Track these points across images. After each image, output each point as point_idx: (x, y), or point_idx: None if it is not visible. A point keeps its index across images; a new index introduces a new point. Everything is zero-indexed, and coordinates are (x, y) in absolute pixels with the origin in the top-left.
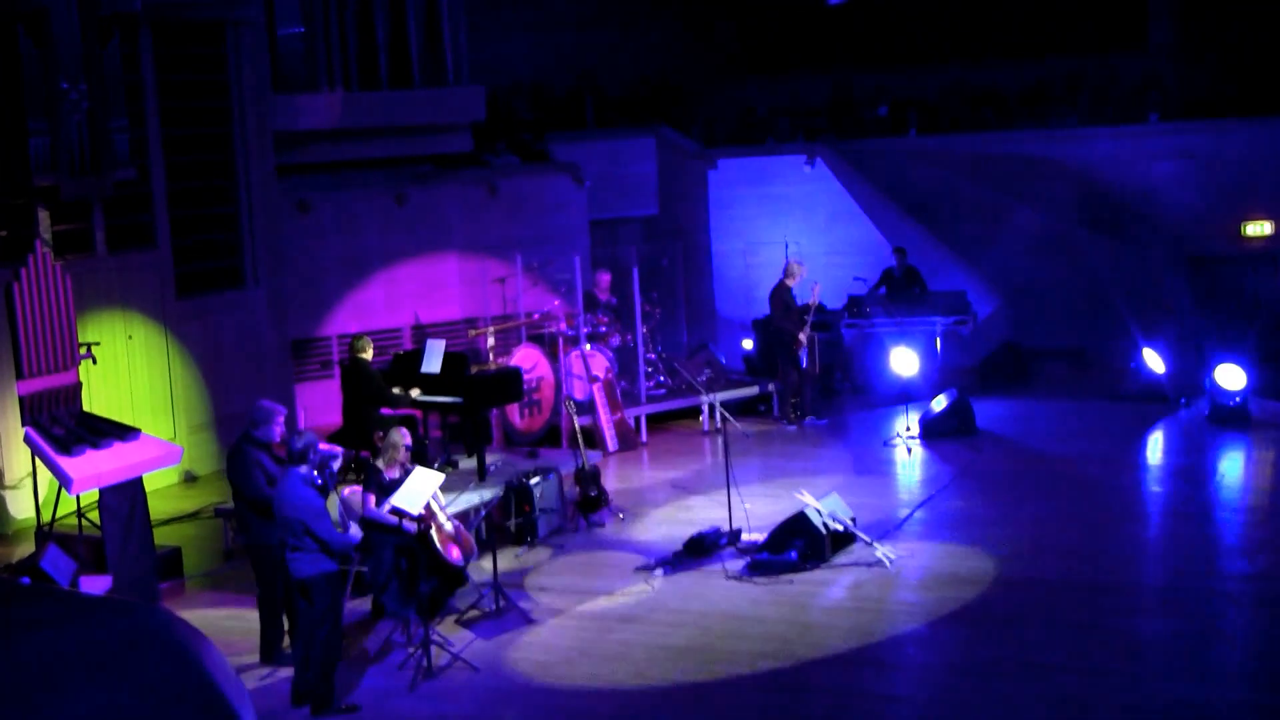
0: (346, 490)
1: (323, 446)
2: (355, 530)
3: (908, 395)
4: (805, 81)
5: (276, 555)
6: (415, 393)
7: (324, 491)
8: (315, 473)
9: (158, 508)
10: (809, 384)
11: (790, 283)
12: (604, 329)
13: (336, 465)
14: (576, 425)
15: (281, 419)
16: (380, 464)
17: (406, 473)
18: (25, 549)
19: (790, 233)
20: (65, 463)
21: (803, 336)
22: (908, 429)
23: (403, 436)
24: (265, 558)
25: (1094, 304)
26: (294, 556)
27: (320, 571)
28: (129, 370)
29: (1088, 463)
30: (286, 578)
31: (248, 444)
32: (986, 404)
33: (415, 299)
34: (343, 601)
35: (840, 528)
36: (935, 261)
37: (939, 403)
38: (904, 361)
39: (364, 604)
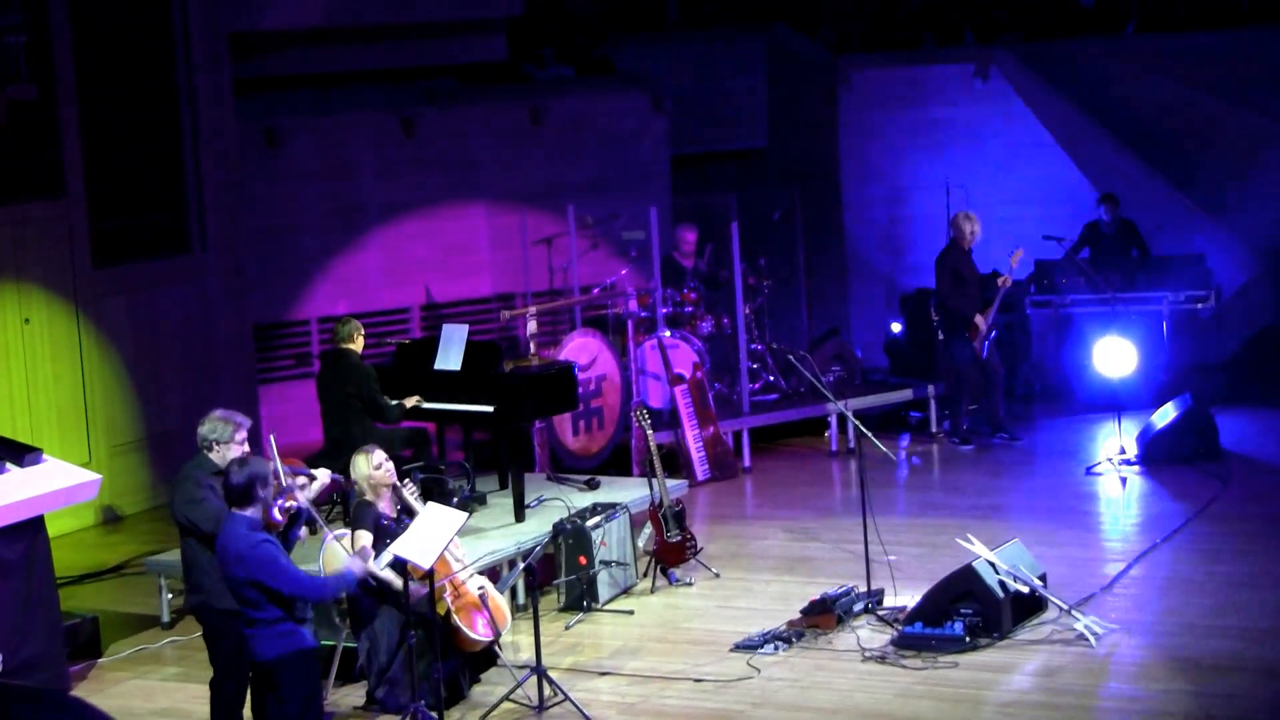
0: (331, 535)
1: (287, 466)
2: (355, 564)
3: (1121, 403)
4: None
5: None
6: (412, 401)
7: (284, 540)
8: (280, 514)
9: (66, 559)
10: (998, 388)
11: (964, 243)
12: (691, 309)
13: (304, 498)
14: (652, 444)
15: (243, 434)
16: (368, 496)
17: (404, 506)
18: None
19: (954, 173)
20: None
21: (980, 321)
22: (1121, 451)
23: (371, 453)
24: (224, 627)
25: None
26: (253, 632)
27: (291, 650)
28: (26, 368)
29: None
30: (248, 661)
31: (199, 470)
32: (1236, 417)
33: (427, 268)
34: (324, 690)
35: (1025, 589)
36: (1162, 214)
37: (1166, 414)
38: (1116, 354)
39: (356, 693)
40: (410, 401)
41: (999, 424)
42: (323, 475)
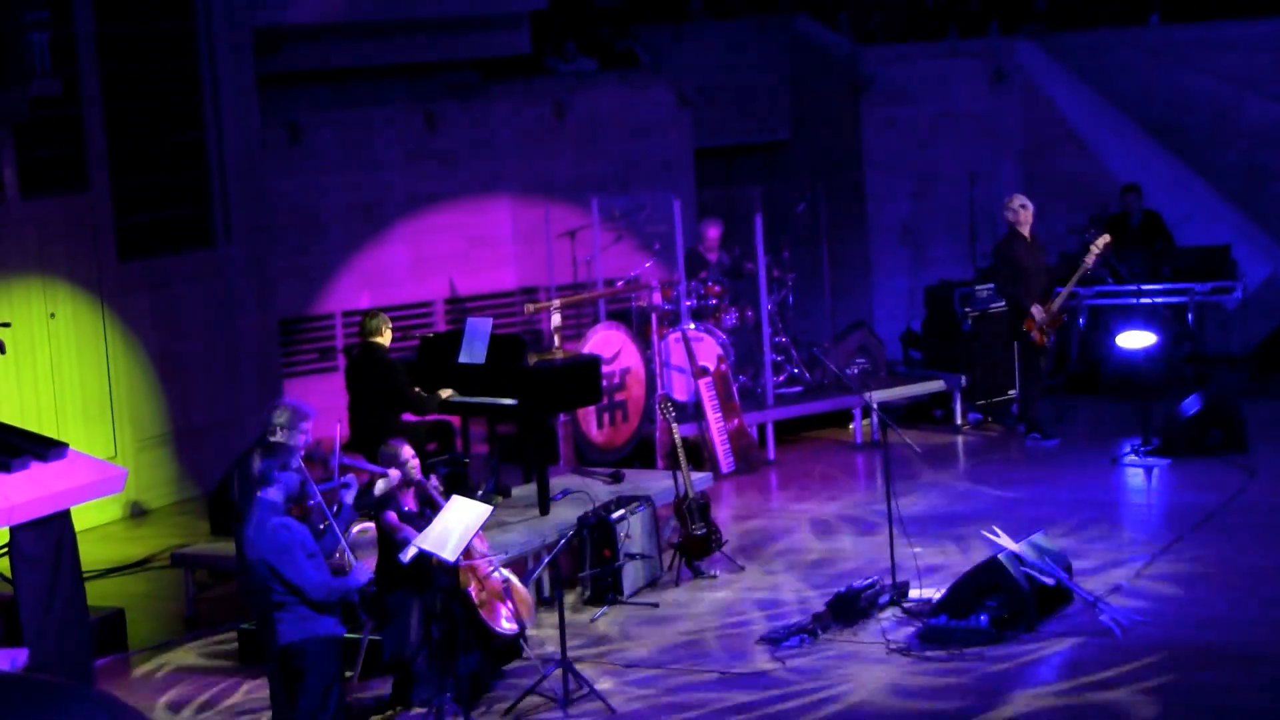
0: (355, 528)
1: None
2: (361, 569)
3: (1146, 394)
4: None
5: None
6: (447, 393)
7: (312, 525)
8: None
9: (93, 553)
10: (1034, 385)
11: (1021, 229)
12: (715, 302)
13: (349, 497)
14: (677, 437)
15: (308, 425)
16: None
17: (426, 499)
18: None
19: (978, 165)
20: None
21: (1037, 312)
22: (1146, 442)
23: (399, 447)
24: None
25: None
26: (278, 615)
27: (313, 635)
28: (52, 362)
29: None
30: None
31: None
32: (1262, 407)
33: (451, 261)
34: (346, 683)
35: (1051, 581)
36: (1187, 204)
37: (1192, 405)
38: (1140, 345)
39: (382, 686)
40: (445, 393)
41: (1040, 424)
42: (392, 474)
